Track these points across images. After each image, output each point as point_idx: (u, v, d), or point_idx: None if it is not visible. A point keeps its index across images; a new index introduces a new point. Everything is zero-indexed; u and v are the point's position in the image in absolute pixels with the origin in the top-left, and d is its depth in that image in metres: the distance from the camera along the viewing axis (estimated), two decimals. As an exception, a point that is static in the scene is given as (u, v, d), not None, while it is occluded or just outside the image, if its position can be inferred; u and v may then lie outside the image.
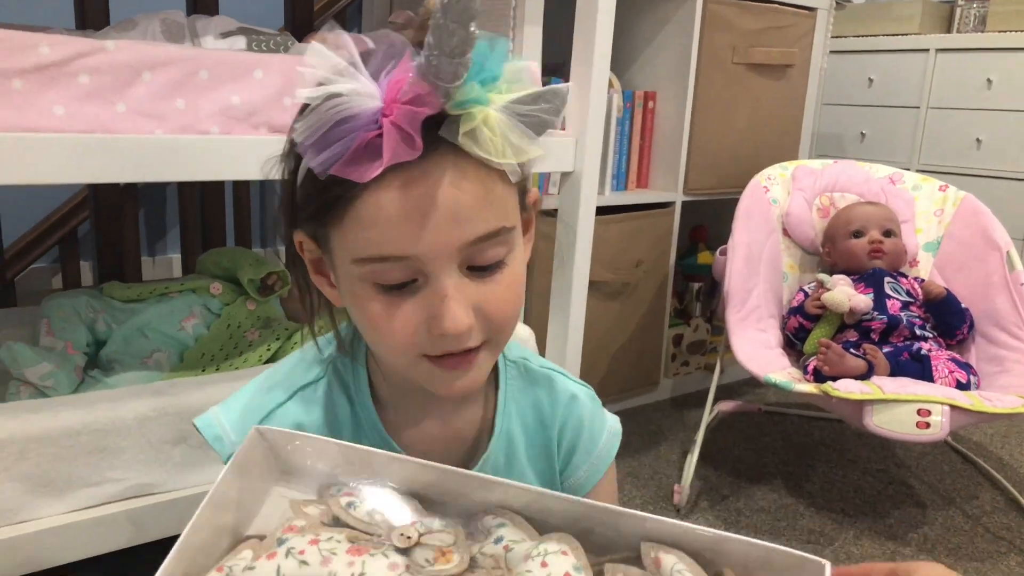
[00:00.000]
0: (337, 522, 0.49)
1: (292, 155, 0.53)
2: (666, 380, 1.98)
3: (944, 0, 2.89)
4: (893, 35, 2.85)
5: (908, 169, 2.78)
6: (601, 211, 1.64)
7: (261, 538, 0.49)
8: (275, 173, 0.56)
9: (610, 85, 1.73)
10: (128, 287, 1.31)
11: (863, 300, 1.44)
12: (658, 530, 0.46)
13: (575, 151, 1.37)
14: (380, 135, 0.47)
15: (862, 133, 2.98)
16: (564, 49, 1.40)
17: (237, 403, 0.64)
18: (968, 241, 1.56)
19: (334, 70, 0.48)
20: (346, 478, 0.51)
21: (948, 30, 2.89)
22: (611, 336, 1.80)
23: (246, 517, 0.51)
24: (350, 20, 2.30)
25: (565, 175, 1.41)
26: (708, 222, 2.05)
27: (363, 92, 0.47)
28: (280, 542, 0.47)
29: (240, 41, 1.29)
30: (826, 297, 1.45)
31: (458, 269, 0.52)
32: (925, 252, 1.62)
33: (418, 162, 0.48)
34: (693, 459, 1.50)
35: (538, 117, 0.50)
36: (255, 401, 0.63)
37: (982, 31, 2.75)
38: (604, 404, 0.71)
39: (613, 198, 1.76)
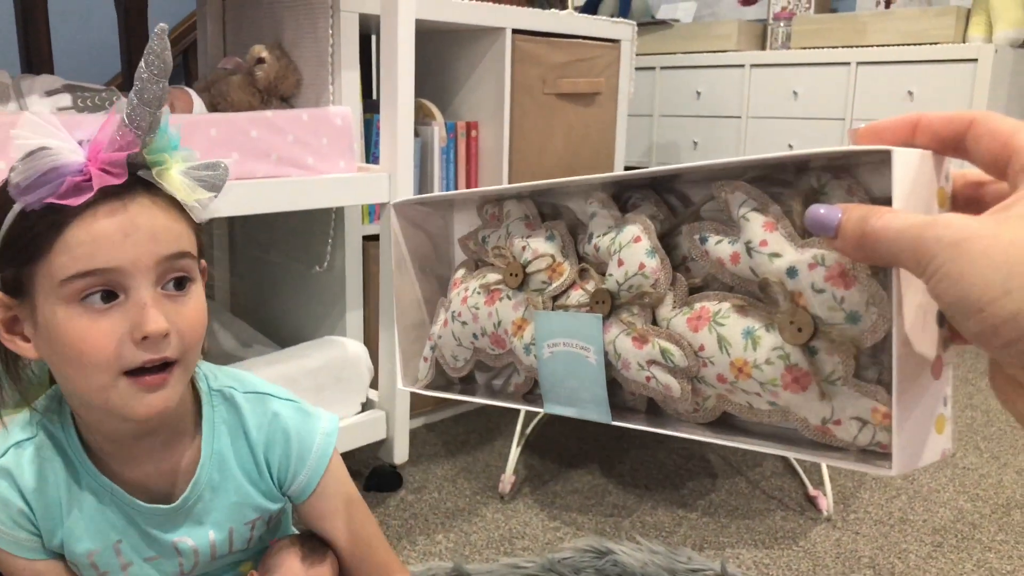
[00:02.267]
0: (480, 263, 0.59)
1: None
2: (509, 381, 2.16)
3: (757, 20, 3.20)
4: (714, 52, 3.14)
5: (735, 173, 3.10)
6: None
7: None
8: None
9: (432, 117, 1.91)
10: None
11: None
12: (730, 167, 0.43)
13: (389, 184, 1.53)
14: (88, 179, 0.59)
15: (694, 142, 3.25)
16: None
17: None
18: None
19: (45, 135, 0.59)
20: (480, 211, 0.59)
21: (762, 47, 3.20)
22: (450, 345, 1.96)
23: (440, 263, 0.63)
24: (178, 70, 2.37)
25: (382, 206, 1.57)
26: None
27: (70, 150, 0.59)
28: (447, 306, 0.59)
29: (65, 99, 1.39)
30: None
31: (153, 287, 0.62)
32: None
33: (121, 199, 0.61)
34: (516, 451, 1.68)
35: (211, 181, 0.66)
36: None
37: (788, 48, 3.07)
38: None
39: (444, 219, 1.94)
